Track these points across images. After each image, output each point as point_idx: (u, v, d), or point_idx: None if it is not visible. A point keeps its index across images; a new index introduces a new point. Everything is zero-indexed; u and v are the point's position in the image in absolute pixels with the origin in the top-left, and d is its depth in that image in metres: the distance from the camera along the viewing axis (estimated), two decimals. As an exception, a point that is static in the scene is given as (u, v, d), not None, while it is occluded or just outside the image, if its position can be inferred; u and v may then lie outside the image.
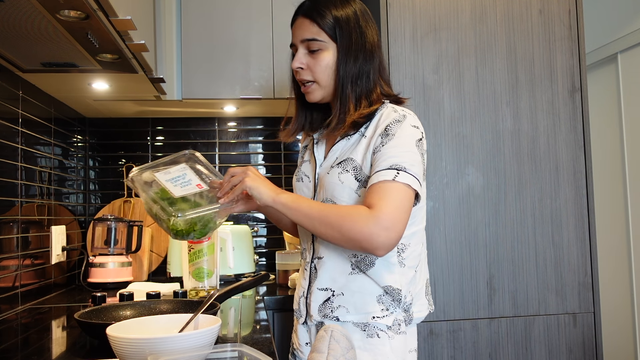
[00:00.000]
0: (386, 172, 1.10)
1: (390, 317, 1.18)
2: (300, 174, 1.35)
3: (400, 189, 1.09)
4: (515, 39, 1.82)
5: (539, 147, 1.80)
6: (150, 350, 0.78)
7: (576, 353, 1.78)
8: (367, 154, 1.18)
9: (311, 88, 1.24)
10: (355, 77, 1.21)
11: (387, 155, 1.12)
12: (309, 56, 1.21)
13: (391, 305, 1.18)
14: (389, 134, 1.15)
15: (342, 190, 1.18)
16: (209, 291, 1.66)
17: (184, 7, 2.00)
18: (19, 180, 1.62)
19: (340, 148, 1.24)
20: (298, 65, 1.22)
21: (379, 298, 1.18)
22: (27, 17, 1.11)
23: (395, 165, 1.11)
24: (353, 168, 1.19)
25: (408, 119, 1.18)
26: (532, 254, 1.78)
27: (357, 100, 1.21)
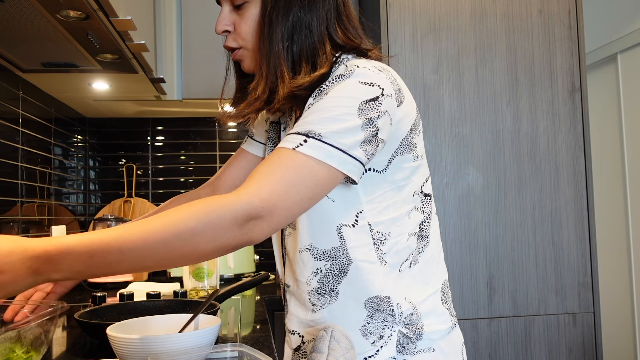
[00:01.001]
0: (291, 136, 0.77)
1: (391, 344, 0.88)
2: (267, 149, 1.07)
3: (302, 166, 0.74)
4: (515, 39, 1.82)
5: (539, 147, 1.81)
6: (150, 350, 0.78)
7: (576, 353, 1.78)
8: None
9: (240, 55, 0.95)
10: (289, 32, 0.88)
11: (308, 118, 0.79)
12: (234, 13, 0.93)
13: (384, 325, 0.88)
14: (321, 92, 0.83)
15: None
16: (209, 291, 1.66)
17: (184, 7, 2.00)
18: (19, 180, 1.62)
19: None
20: (222, 27, 0.93)
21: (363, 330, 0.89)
22: (27, 17, 1.11)
23: (310, 130, 0.77)
24: None
25: (356, 72, 0.82)
26: (532, 254, 1.78)
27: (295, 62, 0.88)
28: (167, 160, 2.40)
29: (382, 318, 0.88)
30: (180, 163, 2.40)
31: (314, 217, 0.89)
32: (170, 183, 2.38)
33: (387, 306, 0.88)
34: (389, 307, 0.88)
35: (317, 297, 0.90)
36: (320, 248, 0.89)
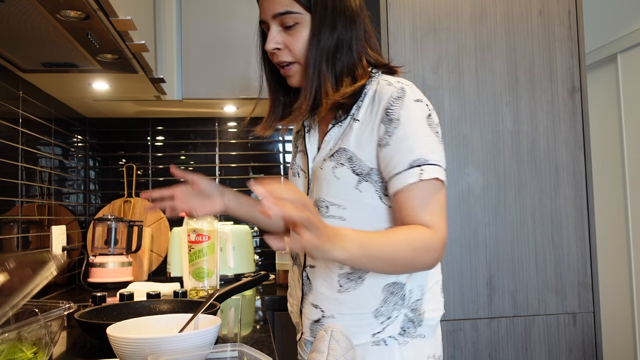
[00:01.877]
0: (407, 173, 0.95)
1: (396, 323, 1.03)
2: (296, 167, 1.18)
3: (437, 191, 0.96)
4: (515, 39, 1.82)
5: (539, 147, 1.80)
6: (150, 350, 0.78)
7: (576, 353, 1.78)
8: (364, 142, 1.01)
9: (292, 70, 1.06)
10: (334, 50, 1.01)
11: (401, 151, 0.96)
12: (284, 33, 1.04)
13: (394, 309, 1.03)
14: (392, 119, 0.98)
15: (340, 189, 1.02)
16: (209, 291, 1.66)
17: (184, 7, 2.00)
18: (19, 180, 1.62)
19: (333, 137, 1.07)
20: (273, 46, 1.04)
21: (375, 312, 1.03)
22: (27, 17, 1.11)
23: (415, 161, 0.96)
24: (348, 159, 1.02)
25: (408, 92, 1.00)
26: (532, 254, 1.78)
27: (337, 77, 1.02)
28: (167, 160, 2.40)
29: (394, 302, 1.03)
30: (180, 163, 2.40)
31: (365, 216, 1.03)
32: (170, 183, 2.37)
33: (401, 291, 1.03)
34: (402, 292, 1.03)
35: (345, 281, 1.04)
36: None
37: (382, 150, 0.99)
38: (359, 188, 1.02)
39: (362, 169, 1.01)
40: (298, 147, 1.19)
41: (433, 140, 0.99)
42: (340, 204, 1.03)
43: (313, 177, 1.09)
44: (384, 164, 0.99)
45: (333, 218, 1.04)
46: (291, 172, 1.20)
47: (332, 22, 1.01)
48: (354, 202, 1.02)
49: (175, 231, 2.12)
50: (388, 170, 0.98)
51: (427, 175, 0.95)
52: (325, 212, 1.05)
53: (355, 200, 1.02)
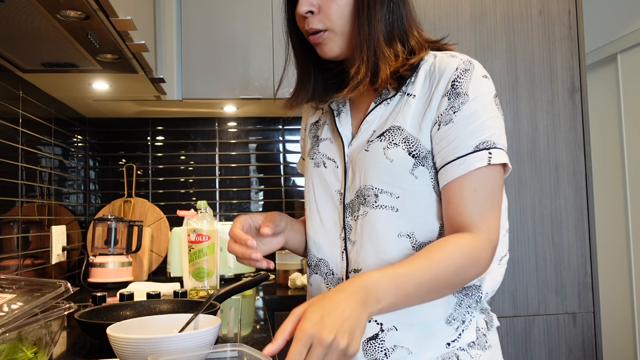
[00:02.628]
0: (474, 156, 0.83)
1: (470, 330, 0.90)
2: (319, 157, 1.02)
3: (496, 180, 0.84)
4: (515, 39, 1.82)
5: (539, 147, 1.80)
6: (151, 350, 0.78)
7: (576, 353, 1.78)
8: (423, 120, 0.88)
9: (324, 37, 0.92)
10: (387, 15, 0.90)
11: (468, 129, 0.84)
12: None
13: (466, 312, 0.90)
14: (459, 93, 0.85)
15: (393, 173, 0.88)
16: (209, 291, 1.66)
17: (184, 7, 2.00)
18: (19, 180, 1.62)
19: (377, 117, 0.94)
20: (307, 7, 0.91)
21: (449, 318, 0.89)
22: (27, 17, 1.11)
23: (484, 141, 0.83)
24: (404, 140, 0.88)
25: (476, 66, 0.88)
26: (531, 254, 1.78)
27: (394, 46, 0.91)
28: (167, 160, 2.40)
29: (467, 304, 0.91)
30: (180, 163, 2.40)
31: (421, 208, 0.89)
32: (170, 183, 2.38)
33: (476, 293, 0.91)
34: (478, 294, 0.91)
35: None
36: (419, 240, 0.89)
37: (442, 128, 0.85)
38: (415, 173, 0.88)
39: (420, 150, 0.88)
40: (319, 136, 1.05)
41: (501, 123, 0.87)
42: (393, 192, 0.88)
43: (352, 164, 0.94)
44: (441, 145, 0.86)
45: (383, 208, 0.89)
46: (312, 163, 1.04)
47: None
48: (409, 190, 0.88)
49: (175, 231, 2.12)
50: (447, 152, 0.85)
51: (496, 159, 0.83)
52: (374, 202, 0.90)
53: (411, 188, 0.88)
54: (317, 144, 1.04)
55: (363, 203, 0.91)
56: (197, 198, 2.37)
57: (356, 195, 0.93)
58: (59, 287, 0.86)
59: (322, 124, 1.06)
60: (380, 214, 0.89)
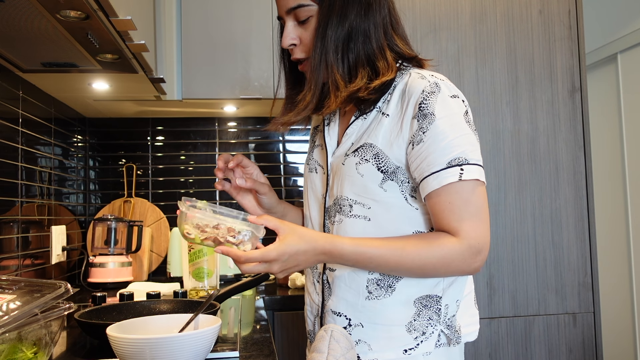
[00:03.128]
0: (446, 172, 0.89)
1: (430, 341, 0.95)
2: (313, 163, 1.11)
3: (472, 189, 0.89)
4: (515, 39, 1.82)
5: (539, 147, 1.80)
6: (150, 350, 0.78)
7: (576, 353, 1.78)
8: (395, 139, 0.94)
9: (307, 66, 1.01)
10: (345, 39, 0.94)
11: (438, 148, 0.89)
12: (299, 28, 0.99)
13: (428, 324, 0.96)
14: (426, 114, 0.90)
15: (364, 186, 0.96)
16: (209, 291, 1.66)
17: (184, 7, 2.00)
18: (19, 180, 1.62)
19: (356, 131, 1.00)
20: (289, 42, 1.00)
21: (409, 326, 0.96)
22: (27, 17, 1.11)
23: (456, 158, 0.89)
24: (374, 156, 0.95)
25: (442, 88, 0.93)
26: (532, 254, 1.78)
27: (351, 69, 0.95)
28: (167, 160, 2.40)
29: (428, 316, 0.96)
30: (180, 163, 2.40)
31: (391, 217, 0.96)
32: (170, 183, 2.38)
33: (436, 305, 0.96)
34: (437, 306, 0.96)
35: (375, 288, 0.97)
36: None
37: (415, 148, 0.91)
38: (384, 187, 0.95)
39: (388, 166, 0.94)
40: (315, 142, 1.13)
41: (472, 139, 0.92)
42: (365, 203, 0.96)
43: (333, 173, 1.03)
44: (416, 162, 0.92)
45: (357, 217, 0.97)
46: (307, 167, 1.13)
47: (343, 9, 0.94)
48: (379, 201, 0.95)
49: (175, 231, 2.12)
50: (421, 169, 0.91)
51: (468, 175, 0.88)
52: (349, 212, 0.98)
53: (381, 200, 0.95)
54: (312, 150, 1.13)
55: (339, 211, 1.00)
56: (197, 198, 2.37)
57: (334, 203, 1.02)
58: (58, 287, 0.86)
59: (319, 131, 1.14)
60: (353, 222, 0.98)
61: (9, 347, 0.79)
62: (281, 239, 0.86)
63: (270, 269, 0.86)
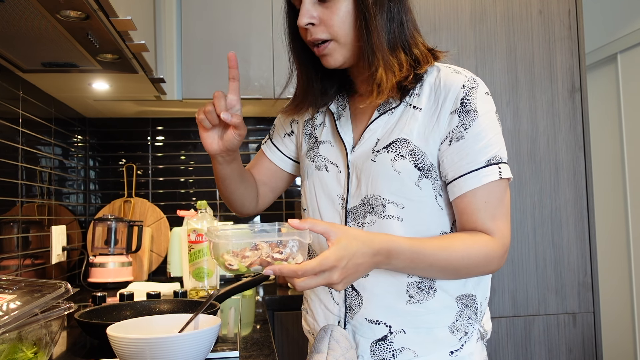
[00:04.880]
0: (486, 170, 0.88)
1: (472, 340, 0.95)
2: (321, 160, 1.02)
3: (505, 189, 0.90)
4: (515, 39, 1.82)
5: (539, 147, 1.81)
6: (150, 350, 0.78)
7: (576, 353, 1.78)
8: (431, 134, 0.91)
9: (329, 48, 0.93)
10: (389, 24, 0.90)
11: (479, 145, 0.88)
12: (319, 6, 0.91)
13: (469, 324, 0.95)
14: (469, 110, 0.89)
15: (400, 184, 0.91)
16: (209, 291, 1.66)
17: (184, 7, 2.00)
18: (19, 180, 1.62)
19: (381, 126, 0.95)
20: (307, 20, 0.91)
21: (452, 327, 0.93)
22: (27, 17, 1.11)
23: (493, 157, 0.89)
24: (410, 152, 0.90)
25: (479, 83, 0.91)
26: (531, 254, 1.78)
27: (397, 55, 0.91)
28: (167, 160, 2.40)
29: (467, 315, 0.95)
30: (180, 163, 2.40)
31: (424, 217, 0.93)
32: (170, 183, 2.38)
33: (473, 304, 0.95)
34: (475, 305, 0.96)
35: (416, 291, 0.93)
36: None
37: (453, 144, 0.89)
38: (420, 185, 0.91)
39: (424, 163, 0.91)
40: (318, 137, 1.05)
41: (502, 138, 0.93)
42: (399, 202, 0.92)
43: (357, 172, 0.96)
44: (453, 159, 0.89)
45: (391, 218, 0.92)
46: (312, 165, 1.04)
47: None
48: (414, 200, 0.92)
49: (175, 231, 2.12)
50: (458, 167, 0.89)
51: (505, 174, 0.89)
52: (382, 212, 0.93)
53: (416, 199, 0.92)
54: (317, 146, 1.05)
55: (370, 212, 0.94)
56: (197, 198, 2.37)
57: (361, 203, 0.95)
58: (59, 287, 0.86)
59: (320, 125, 1.06)
60: (388, 223, 0.92)
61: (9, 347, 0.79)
62: (335, 242, 0.77)
63: (331, 279, 0.76)
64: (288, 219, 0.79)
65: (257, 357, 1.00)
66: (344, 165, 0.99)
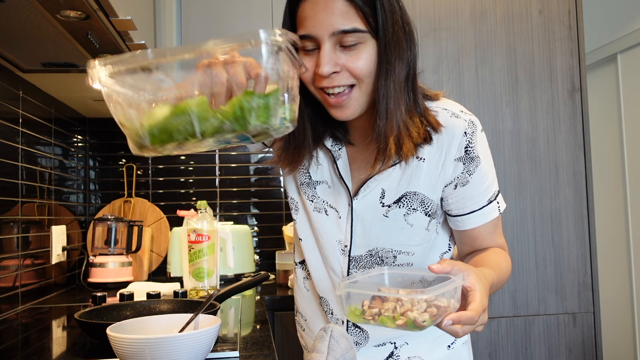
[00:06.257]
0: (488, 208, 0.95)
1: None
2: (320, 203, 0.99)
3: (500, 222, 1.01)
4: (515, 39, 1.82)
5: (539, 147, 1.81)
6: (150, 350, 0.78)
7: (576, 353, 1.78)
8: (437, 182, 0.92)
9: (352, 96, 0.83)
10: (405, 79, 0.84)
11: (482, 187, 0.94)
12: (342, 53, 0.81)
13: None
14: (472, 157, 0.90)
15: (413, 235, 0.94)
16: (209, 291, 1.66)
17: (184, 7, 2.00)
18: (19, 180, 1.62)
19: (385, 177, 0.92)
20: (332, 68, 0.80)
21: None
22: (27, 17, 1.11)
23: (493, 194, 0.96)
24: (420, 203, 0.92)
25: (476, 124, 0.92)
26: (532, 254, 1.78)
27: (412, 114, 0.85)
28: (167, 160, 2.40)
29: None
30: (180, 163, 2.40)
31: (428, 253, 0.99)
32: (170, 183, 2.38)
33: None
34: None
35: None
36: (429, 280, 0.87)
37: (459, 189, 0.93)
38: (428, 228, 0.95)
39: (433, 209, 0.94)
40: (312, 176, 0.99)
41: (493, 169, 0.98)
42: (410, 251, 0.95)
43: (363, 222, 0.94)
44: (458, 201, 0.93)
45: (400, 267, 0.96)
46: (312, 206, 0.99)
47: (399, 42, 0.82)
48: (423, 244, 0.95)
49: (175, 231, 2.12)
50: (463, 206, 0.94)
51: (502, 206, 0.98)
52: (392, 262, 0.95)
53: (424, 243, 0.96)
54: (314, 187, 0.99)
55: (379, 263, 0.97)
56: (197, 198, 2.37)
57: (369, 254, 0.97)
58: None
59: (316, 164, 0.98)
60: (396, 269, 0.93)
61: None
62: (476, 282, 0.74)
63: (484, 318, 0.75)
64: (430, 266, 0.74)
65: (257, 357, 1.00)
66: (346, 211, 0.95)
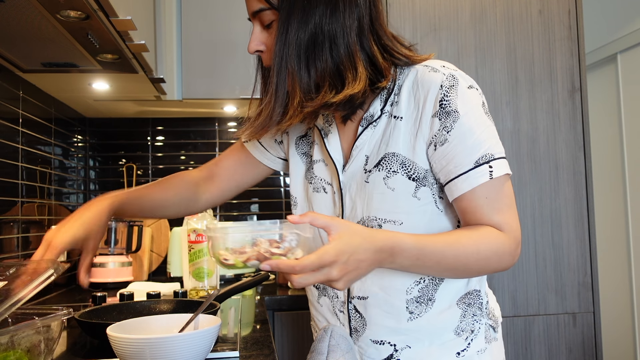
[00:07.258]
0: (475, 172, 0.84)
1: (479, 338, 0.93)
2: (318, 182, 0.99)
3: (503, 185, 0.85)
4: (515, 39, 1.82)
5: (539, 147, 1.81)
6: (150, 350, 0.78)
7: (576, 353, 1.78)
8: (416, 141, 0.87)
9: None
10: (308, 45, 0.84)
11: (465, 147, 0.84)
12: (265, 32, 0.90)
13: (474, 321, 0.93)
14: (449, 112, 0.84)
15: (396, 200, 0.88)
16: (209, 291, 1.66)
17: (184, 7, 2.00)
18: (19, 180, 1.62)
19: (366, 142, 0.92)
20: (254, 47, 0.91)
21: (457, 329, 0.92)
22: (27, 17, 1.11)
23: (482, 157, 0.84)
24: (401, 165, 0.88)
25: (459, 78, 0.86)
26: (531, 254, 1.78)
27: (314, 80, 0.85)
28: (167, 160, 2.40)
29: (472, 313, 0.93)
30: (180, 163, 2.40)
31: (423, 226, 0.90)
32: (170, 183, 2.38)
33: (477, 300, 0.94)
34: (479, 301, 0.94)
35: (416, 306, 0.91)
36: None
37: (438, 149, 0.85)
38: (417, 195, 0.88)
39: (418, 172, 0.88)
40: (312, 156, 1.01)
41: (493, 130, 0.87)
42: (397, 219, 0.88)
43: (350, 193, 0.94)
44: (441, 163, 0.86)
45: None
46: (310, 187, 1.01)
47: (305, 11, 0.83)
48: (412, 213, 0.89)
49: (175, 231, 2.12)
50: (448, 171, 0.86)
51: (497, 172, 0.84)
52: None
53: (414, 211, 0.88)
54: (312, 166, 1.01)
55: None
56: (197, 198, 2.37)
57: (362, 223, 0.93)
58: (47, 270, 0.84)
59: (312, 142, 1.02)
60: None
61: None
62: (336, 237, 0.73)
63: (330, 275, 0.72)
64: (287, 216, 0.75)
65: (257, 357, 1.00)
66: (337, 185, 0.95)
